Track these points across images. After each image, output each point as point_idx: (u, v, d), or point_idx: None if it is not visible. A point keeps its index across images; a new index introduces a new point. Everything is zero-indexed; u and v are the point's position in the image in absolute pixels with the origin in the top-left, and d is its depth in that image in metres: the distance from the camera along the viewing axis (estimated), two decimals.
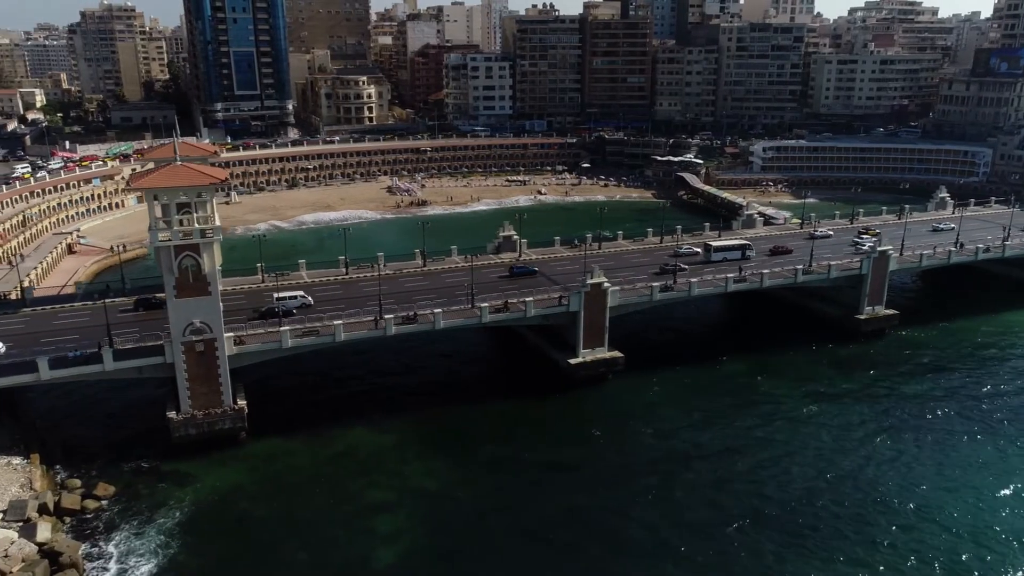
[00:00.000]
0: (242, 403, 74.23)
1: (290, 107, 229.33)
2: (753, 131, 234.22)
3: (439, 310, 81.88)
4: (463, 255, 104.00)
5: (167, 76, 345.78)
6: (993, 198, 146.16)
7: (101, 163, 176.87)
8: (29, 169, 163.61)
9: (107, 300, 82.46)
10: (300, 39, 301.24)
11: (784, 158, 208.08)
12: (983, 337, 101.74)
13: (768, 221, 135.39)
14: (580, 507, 65.70)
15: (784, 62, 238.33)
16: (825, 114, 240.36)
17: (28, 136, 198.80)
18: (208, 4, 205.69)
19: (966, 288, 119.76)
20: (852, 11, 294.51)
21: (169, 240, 68.66)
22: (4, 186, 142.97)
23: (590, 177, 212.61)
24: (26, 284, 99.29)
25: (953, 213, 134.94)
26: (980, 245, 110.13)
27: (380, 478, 69.74)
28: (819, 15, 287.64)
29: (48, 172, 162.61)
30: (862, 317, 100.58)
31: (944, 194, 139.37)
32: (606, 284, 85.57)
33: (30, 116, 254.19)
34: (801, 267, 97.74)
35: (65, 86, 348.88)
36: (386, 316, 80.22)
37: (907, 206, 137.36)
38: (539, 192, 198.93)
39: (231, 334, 75.06)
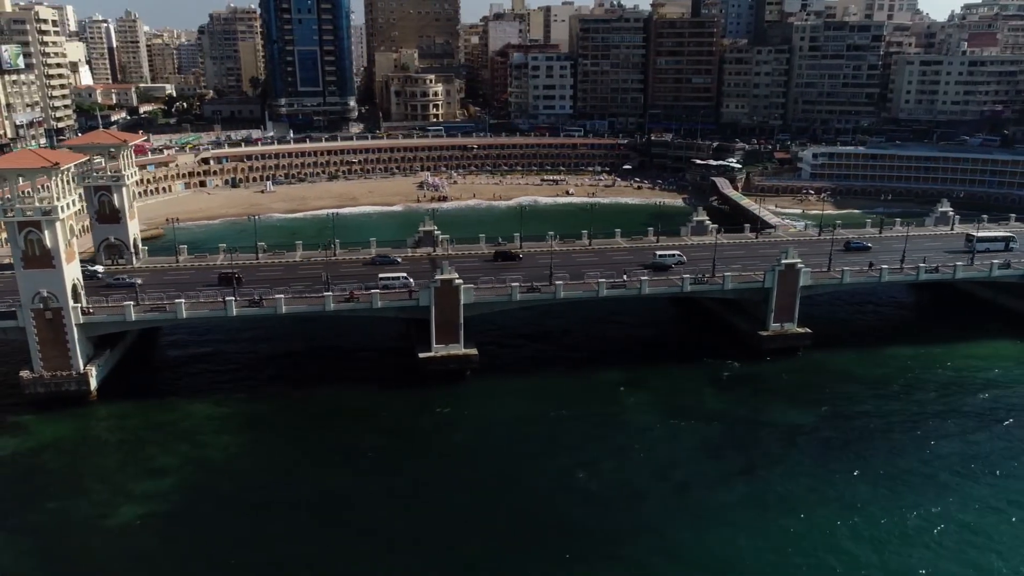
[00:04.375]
0: (91, 368, 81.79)
1: (351, 103, 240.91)
2: (826, 136, 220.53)
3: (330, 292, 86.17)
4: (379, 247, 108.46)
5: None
6: (1012, 215, 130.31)
7: (159, 152, 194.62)
8: None
9: None
10: (391, 39, 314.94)
11: (836, 165, 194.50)
12: (904, 368, 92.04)
13: (761, 228, 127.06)
14: (342, 495, 67.83)
15: (860, 63, 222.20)
16: (905, 119, 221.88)
17: (115, 126, 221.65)
18: (274, 5, 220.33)
19: (949, 312, 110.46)
20: (967, 8, 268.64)
21: (13, 217, 76.94)
22: None
23: (626, 179, 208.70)
24: None
25: (952, 229, 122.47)
26: (923, 266, 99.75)
27: (180, 446, 74.84)
28: (923, 14, 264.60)
29: None
30: (765, 334, 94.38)
31: (946, 207, 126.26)
32: (458, 281, 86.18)
33: (142, 109, 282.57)
34: (690, 277, 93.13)
35: (201, 82, 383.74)
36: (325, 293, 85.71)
37: (899, 219, 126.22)
38: (567, 192, 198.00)
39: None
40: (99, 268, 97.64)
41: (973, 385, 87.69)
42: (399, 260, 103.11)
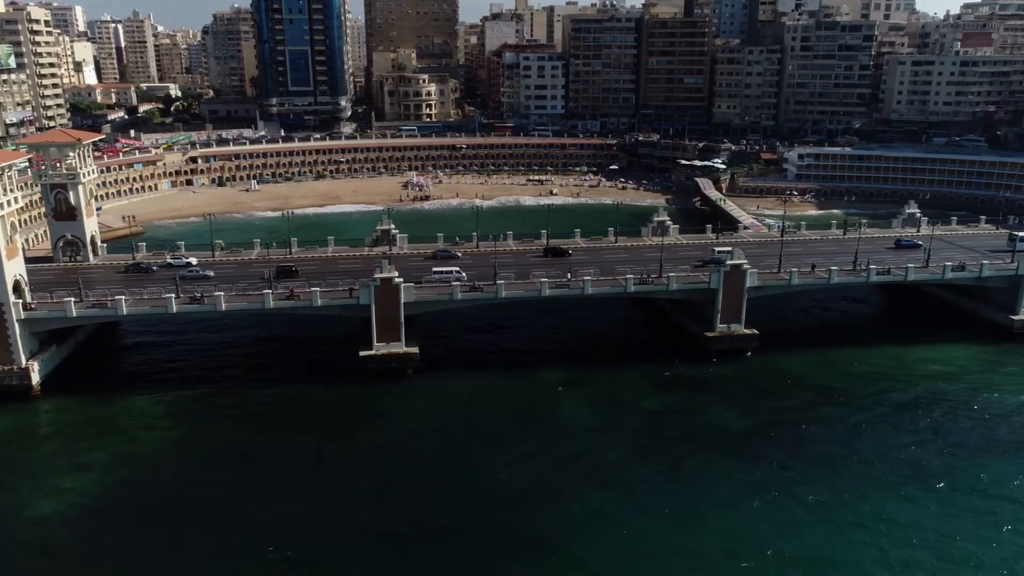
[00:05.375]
0: (33, 363, 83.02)
1: (343, 103, 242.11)
2: (815, 137, 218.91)
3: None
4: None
5: None
6: (983, 218, 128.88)
7: (147, 150, 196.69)
8: None
9: None
10: (390, 39, 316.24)
11: (822, 166, 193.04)
12: (849, 371, 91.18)
13: (724, 229, 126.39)
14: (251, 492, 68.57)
15: (852, 63, 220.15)
16: (897, 120, 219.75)
17: (108, 124, 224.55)
18: (265, 5, 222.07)
19: (909, 315, 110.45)
20: (965, 7, 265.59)
21: None
22: None
23: (612, 179, 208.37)
24: None
25: (919, 231, 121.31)
26: (875, 267, 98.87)
27: (112, 441, 75.84)
28: (919, 14, 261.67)
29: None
30: (711, 335, 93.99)
31: (913, 209, 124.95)
32: (398, 280, 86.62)
33: (142, 108, 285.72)
34: (633, 276, 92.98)
35: (204, 82, 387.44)
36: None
37: (865, 221, 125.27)
38: (551, 192, 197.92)
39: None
40: (193, 259, 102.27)
41: (915, 389, 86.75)
42: (459, 255, 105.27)
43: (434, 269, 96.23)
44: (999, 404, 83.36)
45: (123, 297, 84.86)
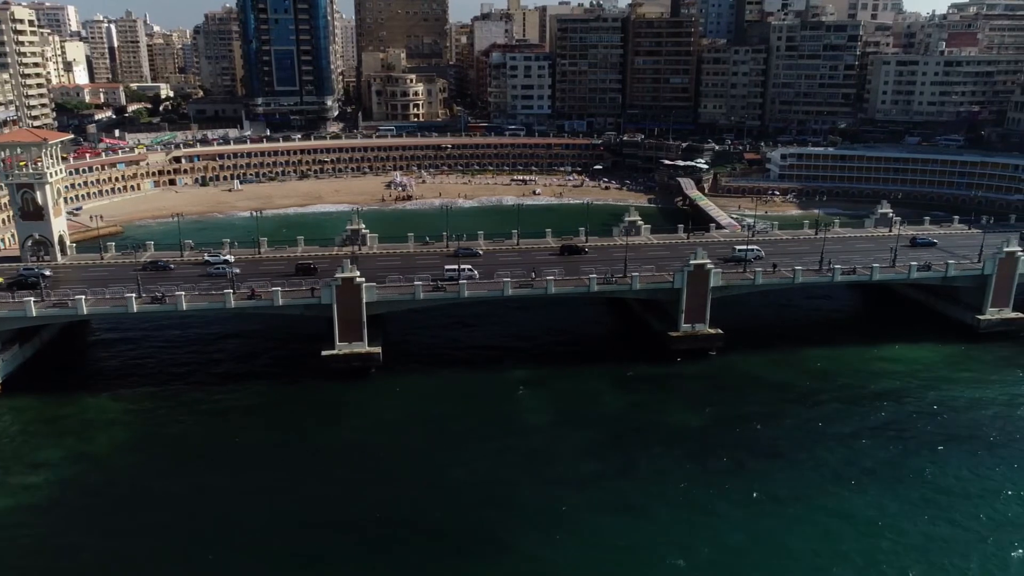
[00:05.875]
0: None
1: (329, 102, 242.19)
2: (802, 137, 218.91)
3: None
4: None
5: None
6: (956, 217, 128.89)
7: (129, 150, 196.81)
8: None
9: None
10: (379, 38, 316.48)
11: (805, 166, 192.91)
12: (812, 371, 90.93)
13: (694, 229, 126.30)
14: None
15: (837, 63, 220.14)
16: (882, 120, 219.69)
17: (94, 124, 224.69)
18: (251, 5, 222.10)
19: (878, 315, 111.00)
20: (954, 7, 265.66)
21: None
22: None
23: (595, 179, 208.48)
24: None
25: (890, 231, 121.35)
26: (839, 267, 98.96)
27: (68, 440, 75.92)
28: (906, 14, 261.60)
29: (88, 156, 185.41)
30: (675, 334, 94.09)
31: (886, 209, 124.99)
32: (359, 279, 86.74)
33: (131, 107, 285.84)
34: (596, 276, 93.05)
35: (196, 82, 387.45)
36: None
37: (837, 220, 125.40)
38: (534, 192, 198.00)
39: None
40: (230, 257, 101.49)
41: (876, 388, 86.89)
42: (480, 252, 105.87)
43: (446, 267, 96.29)
44: (956, 403, 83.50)
45: (83, 297, 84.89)
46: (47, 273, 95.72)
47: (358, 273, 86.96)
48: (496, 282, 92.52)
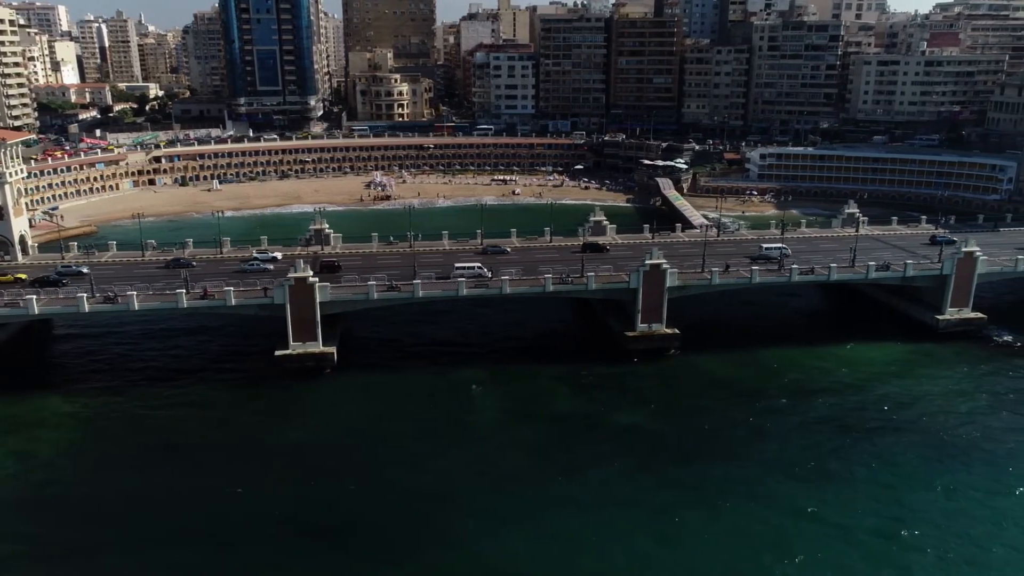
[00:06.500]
0: None
1: (312, 102, 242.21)
2: (784, 137, 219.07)
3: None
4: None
5: None
6: (924, 217, 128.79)
7: (108, 150, 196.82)
8: None
9: None
10: (367, 38, 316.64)
11: (784, 166, 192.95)
12: (768, 371, 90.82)
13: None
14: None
15: (819, 63, 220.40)
16: (864, 120, 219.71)
17: (76, 124, 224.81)
18: (234, 5, 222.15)
19: (840, 315, 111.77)
20: (938, 7, 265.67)
21: None
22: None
23: (575, 179, 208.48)
24: None
25: (857, 231, 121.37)
26: (796, 267, 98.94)
27: (10, 440, 75.75)
28: (890, 14, 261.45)
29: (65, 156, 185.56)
30: (632, 334, 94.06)
31: (853, 209, 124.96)
32: (312, 279, 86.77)
33: (117, 107, 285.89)
34: (551, 276, 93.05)
35: (185, 82, 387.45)
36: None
37: (804, 220, 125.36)
38: (514, 192, 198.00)
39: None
40: (278, 255, 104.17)
41: (829, 388, 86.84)
42: (509, 250, 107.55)
43: (456, 265, 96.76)
44: (908, 403, 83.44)
45: (33, 297, 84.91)
46: (84, 271, 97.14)
47: (311, 273, 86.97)
48: (451, 282, 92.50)
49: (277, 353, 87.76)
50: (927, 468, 71.73)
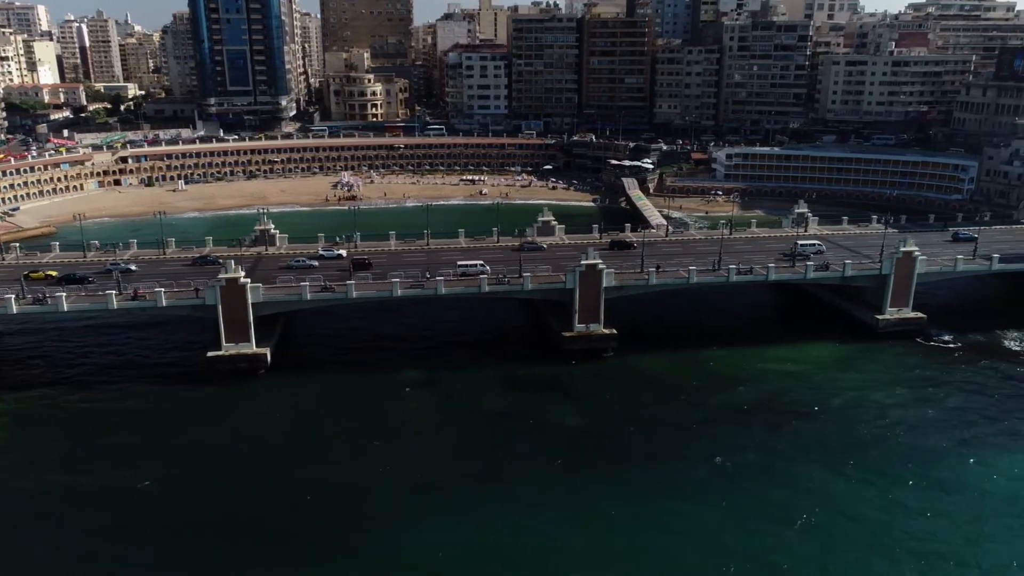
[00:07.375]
0: None
1: (283, 102, 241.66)
2: (754, 137, 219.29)
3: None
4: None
5: None
6: (875, 217, 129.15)
7: (75, 150, 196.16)
8: None
9: None
10: (343, 38, 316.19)
11: (750, 166, 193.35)
12: (704, 370, 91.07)
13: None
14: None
15: (788, 63, 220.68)
16: (832, 120, 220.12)
17: (44, 124, 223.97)
18: (203, 5, 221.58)
19: (786, 315, 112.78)
20: (911, 7, 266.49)
21: None
22: None
23: (543, 179, 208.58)
24: None
25: (806, 230, 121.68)
26: (734, 267, 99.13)
27: None
28: (861, 14, 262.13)
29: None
30: (569, 335, 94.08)
31: (803, 208, 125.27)
32: (244, 279, 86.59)
33: (91, 107, 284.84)
34: (487, 277, 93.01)
35: (164, 81, 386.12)
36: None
37: (754, 220, 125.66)
38: (481, 192, 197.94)
39: None
40: (343, 252, 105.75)
41: (763, 388, 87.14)
42: (544, 247, 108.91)
43: (458, 263, 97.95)
44: (834, 400, 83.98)
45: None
46: (132, 268, 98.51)
47: (243, 273, 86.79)
48: (386, 283, 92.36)
49: (209, 354, 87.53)
50: (840, 460, 72.35)
